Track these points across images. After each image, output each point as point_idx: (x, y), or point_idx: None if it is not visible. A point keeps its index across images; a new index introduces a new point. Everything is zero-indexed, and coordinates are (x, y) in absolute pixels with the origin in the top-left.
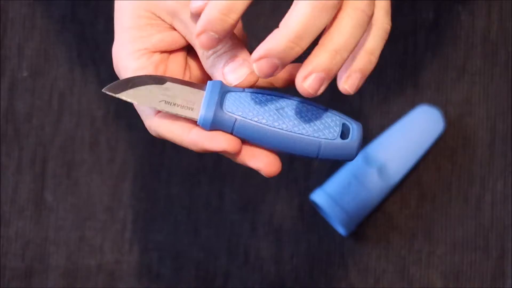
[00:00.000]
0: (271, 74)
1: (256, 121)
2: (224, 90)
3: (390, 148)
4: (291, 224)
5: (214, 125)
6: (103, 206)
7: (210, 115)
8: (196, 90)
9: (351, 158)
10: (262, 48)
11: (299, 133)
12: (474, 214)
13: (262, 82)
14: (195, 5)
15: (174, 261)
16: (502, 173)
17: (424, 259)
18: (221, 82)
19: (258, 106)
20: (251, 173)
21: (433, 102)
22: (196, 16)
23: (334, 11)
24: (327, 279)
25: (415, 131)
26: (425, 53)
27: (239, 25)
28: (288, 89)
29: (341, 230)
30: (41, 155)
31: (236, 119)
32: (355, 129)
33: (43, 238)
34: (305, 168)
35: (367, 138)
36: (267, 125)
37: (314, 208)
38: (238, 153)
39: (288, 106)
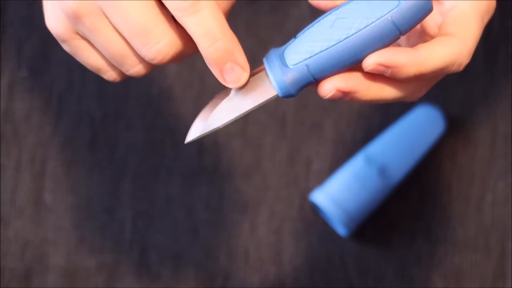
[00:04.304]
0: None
1: (323, 50)
2: (279, 53)
3: (391, 148)
4: (291, 224)
5: (294, 85)
6: (103, 206)
7: (282, 79)
8: (257, 75)
9: (429, 7)
10: (386, 57)
11: (365, 27)
12: (475, 214)
13: None
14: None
15: (174, 261)
16: (503, 173)
17: (424, 259)
18: (272, 49)
19: (315, 38)
20: (251, 173)
21: (433, 102)
22: None
23: None
24: (327, 280)
25: (415, 131)
26: None
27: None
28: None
29: (341, 230)
30: (41, 155)
31: (306, 64)
32: None
33: (43, 239)
34: (305, 168)
35: (367, 138)
36: (335, 43)
37: (314, 208)
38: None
39: (338, 16)
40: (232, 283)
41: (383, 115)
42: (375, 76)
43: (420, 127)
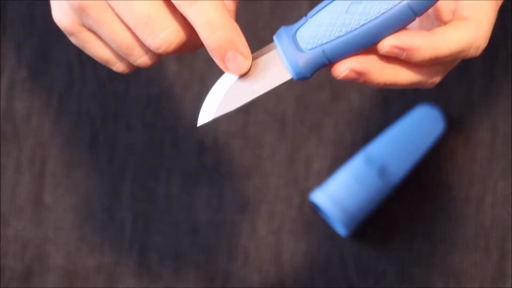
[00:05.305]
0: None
1: (340, 36)
2: (291, 33)
3: (391, 148)
4: (291, 224)
5: (309, 69)
6: (103, 206)
7: (297, 63)
8: (268, 54)
9: None
10: (403, 41)
11: (383, 13)
12: (475, 214)
13: None
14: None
15: (173, 261)
16: (503, 173)
17: (424, 259)
18: (283, 28)
19: (330, 22)
20: (251, 173)
21: (433, 102)
22: None
23: None
24: (327, 280)
25: (415, 131)
26: None
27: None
28: None
29: (341, 230)
30: (41, 155)
31: (322, 50)
32: None
33: (43, 239)
34: (305, 168)
35: (367, 138)
36: (353, 29)
37: (314, 208)
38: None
39: (352, 1)
40: (232, 283)
41: (383, 115)
42: (389, 58)
43: (420, 127)
